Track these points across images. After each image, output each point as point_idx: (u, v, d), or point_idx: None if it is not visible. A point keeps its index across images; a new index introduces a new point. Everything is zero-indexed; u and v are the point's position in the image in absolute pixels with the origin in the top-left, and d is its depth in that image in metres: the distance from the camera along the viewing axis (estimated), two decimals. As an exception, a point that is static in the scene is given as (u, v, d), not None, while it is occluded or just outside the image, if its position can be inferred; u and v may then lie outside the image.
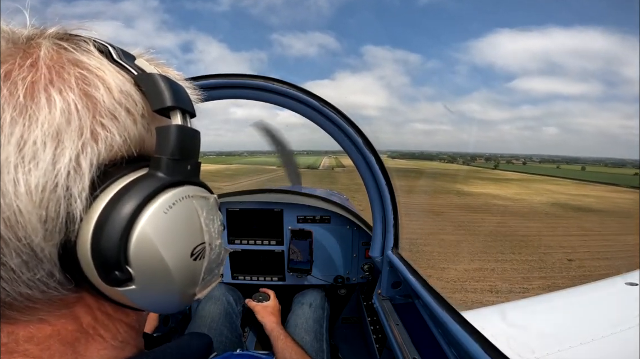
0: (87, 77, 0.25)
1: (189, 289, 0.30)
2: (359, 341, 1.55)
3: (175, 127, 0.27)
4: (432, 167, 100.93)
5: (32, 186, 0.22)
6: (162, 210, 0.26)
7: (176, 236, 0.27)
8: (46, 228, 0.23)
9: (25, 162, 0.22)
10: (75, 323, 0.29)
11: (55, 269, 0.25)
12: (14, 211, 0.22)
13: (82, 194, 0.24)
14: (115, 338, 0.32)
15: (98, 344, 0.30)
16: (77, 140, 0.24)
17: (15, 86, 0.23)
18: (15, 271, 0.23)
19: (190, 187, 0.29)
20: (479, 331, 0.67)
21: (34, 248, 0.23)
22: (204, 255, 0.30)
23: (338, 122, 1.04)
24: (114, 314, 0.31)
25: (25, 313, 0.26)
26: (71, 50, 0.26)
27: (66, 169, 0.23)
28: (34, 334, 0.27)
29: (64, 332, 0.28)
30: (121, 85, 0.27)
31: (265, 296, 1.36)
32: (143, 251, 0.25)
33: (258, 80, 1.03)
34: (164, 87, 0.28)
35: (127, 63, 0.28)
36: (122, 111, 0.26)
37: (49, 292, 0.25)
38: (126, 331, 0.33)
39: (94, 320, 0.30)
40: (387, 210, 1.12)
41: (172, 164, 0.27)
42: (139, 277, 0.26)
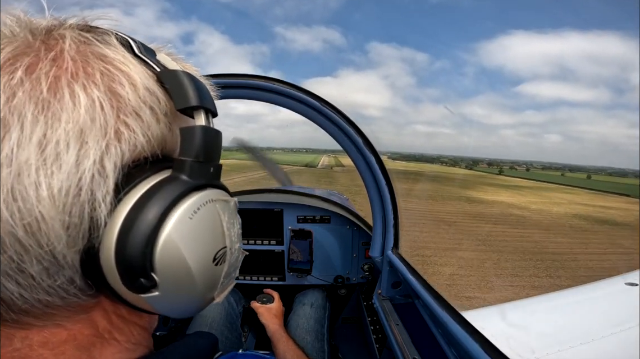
0: (112, 72, 0.24)
1: (209, 293, 0.30)
2: (359, 341, 1.55)
3: (200, 128, 0.26)
4: (434, 169, 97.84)
5: (55, 190, 0.20)
6: (187, 216, 0.25)
7: (200, 242, 0.26)
8: (69, 234, 0.22)
9: (48, 164, 0.20)
10: (92, 327, 0.28)
11: (76, 275, 0.24)
12: (36, 217, 0.20)
13: (107, 198, 0.23)
14: (129, 341, 0.31)
15: (113, 348, 0.29)
16: (101, 141, 0.22)
17: (38, 81, 0.21)
18: (35, 278, 0.22)
19: (213, 191, 0.28)
20: (479, 331, 0.67)
21: (56, 255, 0.22)
22: (225, 259, 0.29)
23: (338, 122, 1.04)
24: (129, 317, 0.30)
25: (42, 318, 0.25)
26: (95, 43, 0.25)
27: (90, 172, 0.22)
28: (48, 339, 0.26)
29: (80, 337, 0.27)
30: (146, 82, 0.25)
31: (269, 297, 1.36)
32: (168, 257, 0.24)
33: (258, 80, 1.03)
34: (189, 85, 0.26)
35: (149, 59, 0.27)
36: (146, 109, 0.25)
37: (68, 299, 0.24)
38: (139, 333, 0.32)
39: (110, 324, 0.29)
40: (387, 210, 1.12)
41: (196, 167, 0.26)
42: (163, 283, 0.25)
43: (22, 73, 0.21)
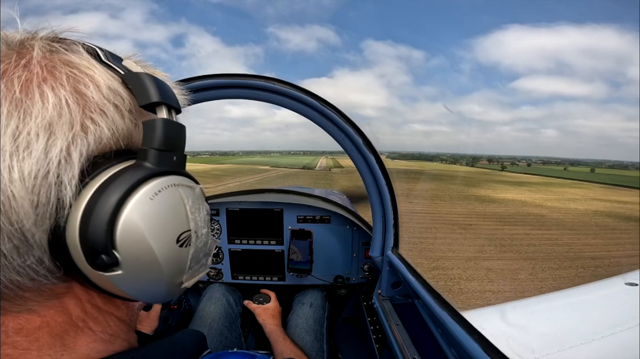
0: (77, 75, 0.27)
1: (176, 277, 0.31)
2: (359, 341, 1.55)
3: (161, 121, 0.29)
4: (435, 168, 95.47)
5: (26, 173, 0.23)
6: (147, 197, 0.27)
7: (162, 222, 0.28)
8: (37, 213, 0.24)
9: (20, 150, 0.23)
10: (65, 314, 0.29)
11: (44, 256, 0.26)
12: (8, 196, 0.23)
13: (72, 182, 0.25)
14: (105, 331, 0.32)
15: (87, 337, 0.30)
16: (67, 132, 0.25)
17: (11, 83, 0.24)
18: (7, 256, 0.24)
19: (175, 177, 0.30)
20: (479, 331, 0.67)
21: (25, 233, 0.24)
22: (190, 242, 0.31)
23: (338, 122, 1.04)
24: (104, 307, 0.32)
25: (15, 302, 0.26)
26: (62, 51, 0.28)
27: (57, 158, 0.24)
28: (23, 325, 0.27)
29: (53, 324, 0.28)
30: (109, 83, 0.28)
31: (266, 297, 1.36)
32: (129, 235, 0.26)
33: (259, 80, 1.03)
34: (150, 84, 0.29)
35: (114, 64, 0.30)
36: (110, 106, 0.28)
37: (38, 280, 0.26)
38: (116, 325, 0.33)
39: (84, 313, 0.30)
40: (387, 210, 1.11)
41: (158, 155, 0.29)
42: (126, 262, 0.26)
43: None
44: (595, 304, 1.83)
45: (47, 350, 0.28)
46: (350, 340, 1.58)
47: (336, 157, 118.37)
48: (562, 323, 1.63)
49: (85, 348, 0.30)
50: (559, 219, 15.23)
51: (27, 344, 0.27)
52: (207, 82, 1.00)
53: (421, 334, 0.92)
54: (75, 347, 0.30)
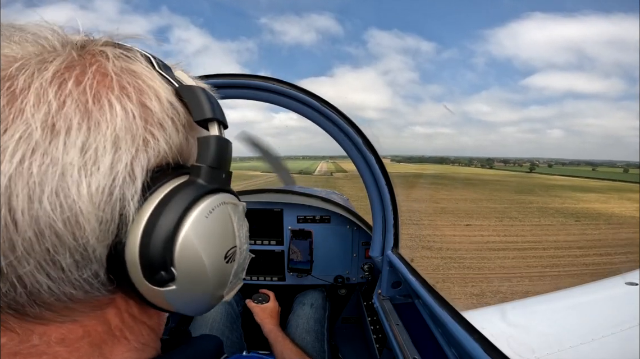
0: (142, 87, 0.27)
1: (219, 291, 0.32)
2: (359, 341, 1.55)
3: (215, 138, 0.29)
4: (454, 171, 78.63)
5: (93, 188, 0.23)
6: (203, 215, 0.28)
7: (214, 239, 0.29)
8: (101, 229, 0.24)
9: (88, 165, 0.23)
10: (105, 324, 0.29)
11: (101, 269, 0.26)
12: (75, 212, 0.22)
13: (134, 197, 0.25)
14: (138, 340, 0.32)
15: (122, 346, 0.30)
16: (131, 147, 0.25)
17: (84, 92, 0.24)
18: (65, 270, 0.24)
19: (225, 194, 0.31)
20: (479, 331, 0.67)
21: (88, 249, 0.24)
22: (235, 258, 0.32)
23: (338, 122, 1.04)
24: (139, 317, 0.32)
25: (62, 314, 0.26)
26: (128, 60, 0.28)
27: (122, 174, 0.24)
28: (65, 336, 0.27)
29: (94, 334, 0.28)
30: (168, 96, 0.28)
31: (264, 297, 1.36)
32: (186, 252, 0.27)
33: (258, 80, 1.03)
34: (204, 99, 0.29)
35: (168, 75, 0.29)
36: (168, 121, 0.28)
37: (91, 292, 0.26)
38: (148, 334, 0.33)
39: (122, 322, 0.30)
40: (387, 210, 1.12)
41: (210, 172, 0.29)
42: (180, 277, 0.27)
43: (71, 84, 0.24)
44: (595, 304, 1.83)
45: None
46: (350, 340, 1.58)
47: (338, 161, 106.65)
48: (562, 323, 1.63)
49: (120, 357, 0.30)
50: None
51: (67, 355, 0.27)
52: (206, 82, 1.00)
53: (421, 334, 0.92)
54: (111, 356, 0.29)
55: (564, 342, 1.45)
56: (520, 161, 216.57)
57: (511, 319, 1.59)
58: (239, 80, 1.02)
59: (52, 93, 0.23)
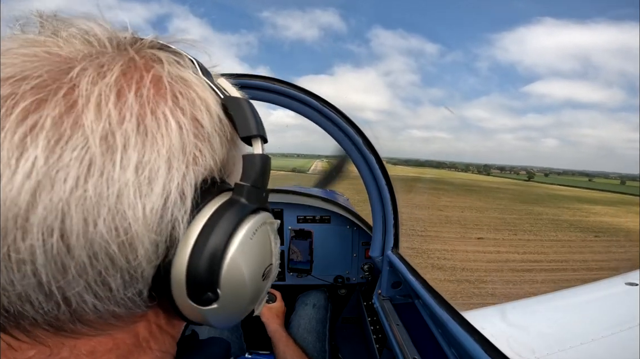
0: (194, 99, 0.25)
1: (251, 306, 0.32)
2: (359, 341, 1.55)
3: (260, 157, 0.28)
4: (451, 176, 73.57)
5: (148, 211, 0.22)
6: (249, 237, 0.27)
7: (256, 259, 0.29)
8: (153, 250, 0.23)
9: (143, 186, 0.21)
10: (134, 336, 0.29)
11: (145, 288, 0.25)
12: (131, 235, 0.21)
13: (184, 218, 0.24)
14: (161, 349, 0.32)
15: (146, 356, 0.30)
16: (182, 165, 0.23)
17: (143, 105, 0.22)
18: (113, 290, 0.23)
19: (265, 214, 0.30)
20: (479, 331, 0.67)
21: (138, 269, 0.23)
22: (270, 275, 0.32)
23: (338, 122, 1.05)
24: (165, 328, 0.31)
25: (99, 329, 0.25)
26: (180, 67, 0.26)
27: (174, 194, 0.23)
28: (95, 348, 0.26)
29: (122, 346, 0.28)
30: (217, 110, 0.27)
31: (272, 296, 1.36)
32: (232, 273, 0.26)
33: (259, 80, 1.03)
34: (250, 114, 0.28)
35: (214, 84, 0.28)
36: (216, 136, 0.26)
37: (133, 310, 0.25)
38: (169, 343, 0.33)
39: (149, 333, 0.30)
40: (387, 210, 1.12)
41: (254, 191, 0.28)
42: (224, 297, 0.27)
43: (133, 96, 0.22)
44: (595, 304, 1.83)
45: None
46: (350, 340, 1.59)
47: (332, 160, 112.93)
48: (562, 323, 1.63)
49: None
50: None
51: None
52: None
53: (421, 334, 0.92)
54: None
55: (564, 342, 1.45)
56: (515, 169, 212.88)
57: (511, 320, 1.59)
58: (240, 80, 1.02)
59: (112, 104, 0.21)
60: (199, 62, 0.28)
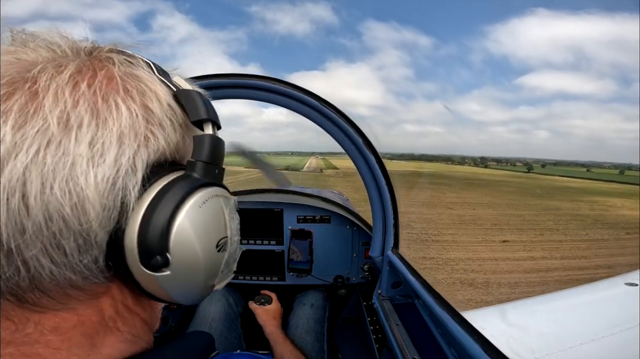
0: (144, 90, 0.30)
1: (210, 279, 0.34)
2: (359, 341, 1.55)
3: (209, 136, 0.32)
4: (449, 170, 71.03)
5: (99, 178, 0.25)
6: (197, 205, 0.30)
7: (206, 228, 0.31)
8: (104, 215, 0.26)
9: (96, 157, 0.25)
10: (99, 314, 0.30)
11: (101, 255, 0.28)
12: (82, 198, 0.25)
13: (135, 187, 0.28)
14: (130, 332, 0.33)
15: (115, 337, 0.31)
16: (134, 143, 0.28)
17: (95, 93, 0.27)
18: (68, 255, 0.26)
19: (218, 188, 0.33)
20: (479, 331, 0.67)
21: (90, 233, 0.26)
22: (226, 247, 0.34)
23: (338, 122, 1.05)
24: (133, 308, 0.33)
25: (60, 301, 0.28)
26: (132, 65, 0.31)
27: (125, 166, 0.27)
28: (59, 324, 0.28)
29: (88, 323, 0.30)
30: (167, 99, 0.31)
31: (267, 298, 1.36)
32: (181, 238, 0.29)
33: (258, 80, 1.03)
34: (200, 102, 0.32)
35: (167, 79, 0.33)
36: (167, 121, 0.31)
37: (90, 279, 0.28)
38: (141, 326, 0.35)
39: (116, 313, 0.32)
40: (387, 210, 1.12)
41: (205, 167, 0.32)
42: (175, 263, 0.29)
43: (84, 86, 0.27)
44: (595, 304, 1.83)
45: (77, 350, 0.29)
46: (350, 340, 1.58)
47: (328, 157, 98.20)
48: (562, 323, 1.63)
49: (111, 348, 0.31)
50: None
51: (59, 344, 0.28)
52: (205, 82, 1.00)
53: (421, 334, 0.92)
54: (101, 347, 0.30)
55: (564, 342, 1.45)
56: (511, 160, 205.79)
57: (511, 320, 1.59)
58: (240, 80, 1.02)
59: (67, 93, 0.25)
60: (155, 63, 0.33)
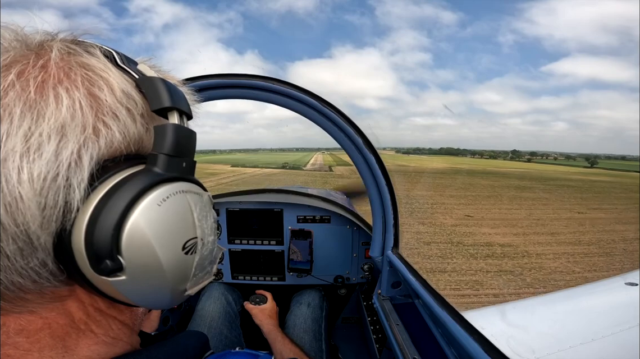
0: (93, 78, 0.27)
1: (180, 284, 0.31)
2: (359, 341, 1.55)
3: (172, 126, 0.29)
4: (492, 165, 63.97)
5: (35, 174, 0.23)
6: (155, 203, 0.27)
7: (168, 229, 0.28)
8: (44, 215, 0.24)
9: (30, 152, 0.23)
10: (67, 317, 0.29)
11: (48, 258, 0.25)
12: (15, 197, 0.23)
13: (81, 185, 0.25)
14: (107, 334, 0.32)
15: (89, 340, 0.31)
16: (79, 135, 0.25)
17: (27, 83, 0.24)
18: (10, 258, 0.24)
19: (184, 183, 0.30)
20: (479, 331, 0.67)
21: (30, 235, 0.24)
22: (196, 249, 0.31)
23: (338, 122, 1.05)
24: (107, 311, 0.32)
25: (16, 304, 0.26)
26: (79, 53, 0.28)
27: (67, 161, 0.24)
28: (24, 326, 0.28)
29: (55, 326, 0.29)
30: (123, 86, 0.28)
31: (262, 298, 1.36)
32: (135, 241, 0.26)
33: (258, 80, 1.03)
34: (162, 88, 0.29)
35: (129, 67, 0.30)
36: (123, 110, 0.28)
37: (40, 282, 0.26)
38: (119, 328, 0.33)
39: (86, 316, 0.30)
40: (387, 210, 1.12)
41: (167, 160, 0.28)
42: (130, 267, 0.26)
43: (14, 76, 0.24)
44: (595, 304, 1.83)
45: (49, 351, 0.28)
46: (350, 340, 1.59)
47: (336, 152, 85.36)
48: (562, 323, 1.63)
49: (87, 350, 0.30)
50: None
51: (29, 346, 0.28)
52: (205, 82, 1.00)
53: (421, 334, 0.92)
54: (76, 349, 0.30)
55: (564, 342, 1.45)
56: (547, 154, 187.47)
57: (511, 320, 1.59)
58: (240, 80, 1.03)
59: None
60: (119, 53, 0.31)
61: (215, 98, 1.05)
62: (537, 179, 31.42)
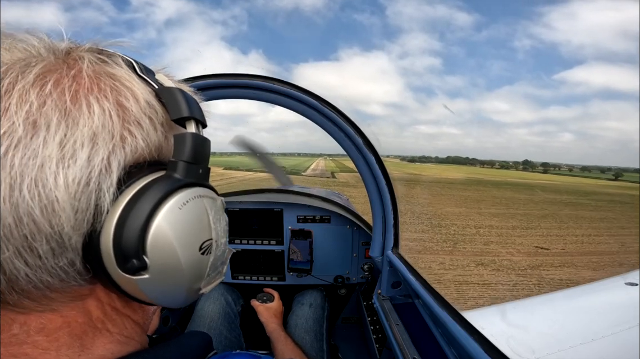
0: (120, 88, 0.29)
1: (195, 283, 0.33)
2: (359, 341, 1.55)
3: (191, 135, 0.31)
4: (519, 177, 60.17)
5: (70, 179, 0.25)
6: (177, 206, 0.29)
7: (188, 230, 0.30)
8: (77, 218, 0.25)
9: (66, 158, 0.25)
10: (86, 316, 0.30)
11: (77, 258, 0.27)
12: (52, 200, 0.24)
13: (110, 189, 0.27)
14: (121, 333, 0.33)
15: (105, 338, 0.32)
16: (109, 143, 0.27)
17: (63, 93, 0.26)
18: (42, 257, 0.25)
19: (201, 189, 0.32)
20: (479, 331, 0.67)
21: (63, 236, 0.25)
22: (211, 250, 0.33)
23: (338, 122, 1.05)
24: (122, 310, 0.33)
25: (41, 302, 0.27)
26: (106, 64, 0.30)
27: (99, 167, 0.26)
28: (45, 325, 0.28)
29: (74, 324, 0.29)
30: (146, 96, 0.30)
31: (269, 296, 1.36)
32: (159, 241, 0.28)
33: (258, 80, 1.03)
34: (181, 99, 0.31)
35: (149, 77, 0.31)
36: (146, 119, 0.30)
37: (67, 281, 0.27)
38: (132, 328, 0.34)
39: (104, 314, 0.31)
40: (387, 210, 1.12)
41: (186, 167, 0.30)
42: (153, 266, 0.28)
43: (51, 86, 0.26)
44: (595, 304, 1.84)
45: (66, 350, 0.29)
46: (350, 340, 1.59)
47: (339, 158, 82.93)
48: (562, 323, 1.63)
49: (102, 349, 0.31)
50: None
51: (47, 344, 0.28)
52: (205, 82, 1.00)
53: (421, 334, 0.92)
54: (92, 348, 0.30)
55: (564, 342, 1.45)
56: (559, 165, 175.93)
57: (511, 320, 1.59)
58: (240, 80, 1.03)
59: (33, 94, 0.25)
60: (139, 62, 0.33)
61: (216, 98, 1.05)
62: (577, 193, 27.63)
